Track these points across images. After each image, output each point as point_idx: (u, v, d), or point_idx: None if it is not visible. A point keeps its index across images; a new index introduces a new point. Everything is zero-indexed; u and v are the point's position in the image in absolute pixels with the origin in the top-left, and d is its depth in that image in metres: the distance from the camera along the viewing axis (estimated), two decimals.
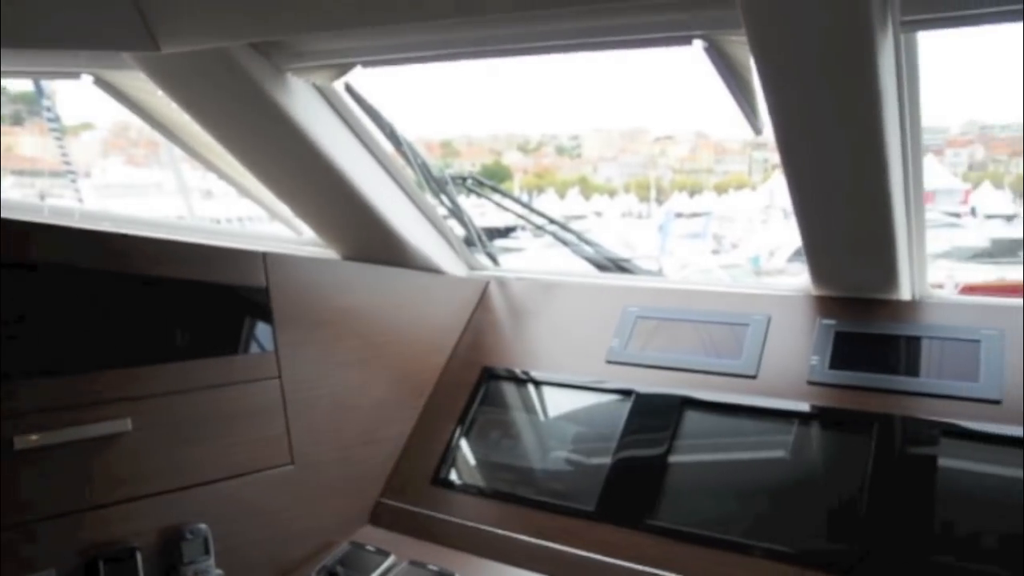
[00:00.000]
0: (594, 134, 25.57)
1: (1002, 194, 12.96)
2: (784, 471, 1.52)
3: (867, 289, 1.68)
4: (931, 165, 13.63)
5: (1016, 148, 10.42)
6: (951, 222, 11.57)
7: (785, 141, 1.37)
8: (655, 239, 13.99)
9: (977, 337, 1.53)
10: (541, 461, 1.78)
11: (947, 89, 9.24)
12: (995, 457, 1.41)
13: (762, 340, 1.69)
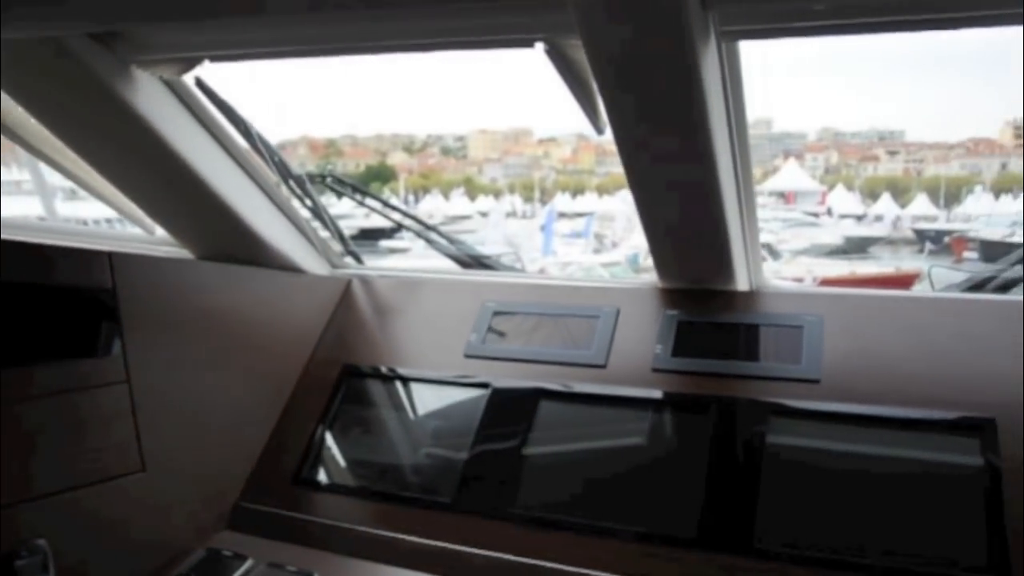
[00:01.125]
0: (479, 136, 25.73)
1: (853, 196, 13.92)
2: (632, 454, 1.60)
3: (707, 281, 1.78)
4: (792, 169, 14.51)
5: (865, 154, 11.19)
6: (811, 221, 12.31)
7: (622, 141, 1.44)
8: (539, 239, 14.23)
9: (800, 323, 1.65)
10: (402, 456, 1.79)
11: (804, 98, 9.86)
12: (815, 431, 1.53)
13: (611, 331, 1.77)
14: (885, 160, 12.83)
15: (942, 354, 1.54)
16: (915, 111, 17.17)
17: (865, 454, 1.47)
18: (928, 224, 12.36)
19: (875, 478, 1.44)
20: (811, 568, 1.35)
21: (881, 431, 1.48)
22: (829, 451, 1.50)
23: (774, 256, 9.90)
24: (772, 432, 1.52)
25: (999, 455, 1.38)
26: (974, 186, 13.13)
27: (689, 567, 1.40)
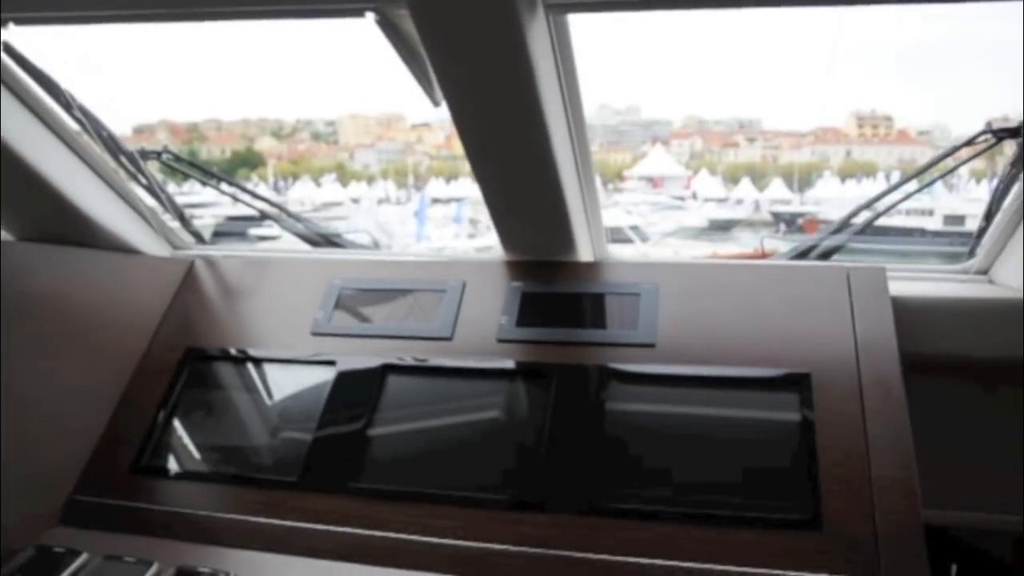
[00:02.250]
0: (351, 121, 25.22)
1: (716, 180, 14.58)
2: (478, 424, 1.62)
3: (550, 252, 1.83)
4: (660, 154, 15.07)
5: (727, 140, 11.71)
6: (677, 204, 12.80)
7: (457, 113, 1.45)
8: (412, 225, 14.11)
9: (638, 291, 1.72)
10: (248, 438, 1.75)
11: (670, 86, 10.24)
12: (651, 392, 1.60)
13: (457, 304, 1.79)
14: (745, 147, 13.51)
15: (768, 316, 1.64)
16: (771, 100, 18.30)
17: (697, 411, 1.55)
18: (784, 207, 13.11)
19: (707, 434, 1.52)
20: (652, 521, 1.41)
21: (711, 390, 1.56)
22: (664, 410, 1.57)
23: (642, 238, 10.24)
24: (611, 395, 1.58)
25: (813, 408, 1.48)
26: (823, 171, 13.98)
27: (534, 529, 1.44)
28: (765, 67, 9.90)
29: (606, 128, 12.79)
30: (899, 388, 1.48)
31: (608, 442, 1.52)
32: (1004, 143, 1.72)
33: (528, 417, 1.60)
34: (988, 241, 1.83)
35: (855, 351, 1.54)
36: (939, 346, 1.74)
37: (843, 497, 1.38)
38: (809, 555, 1.33)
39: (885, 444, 1.42)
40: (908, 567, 1.30)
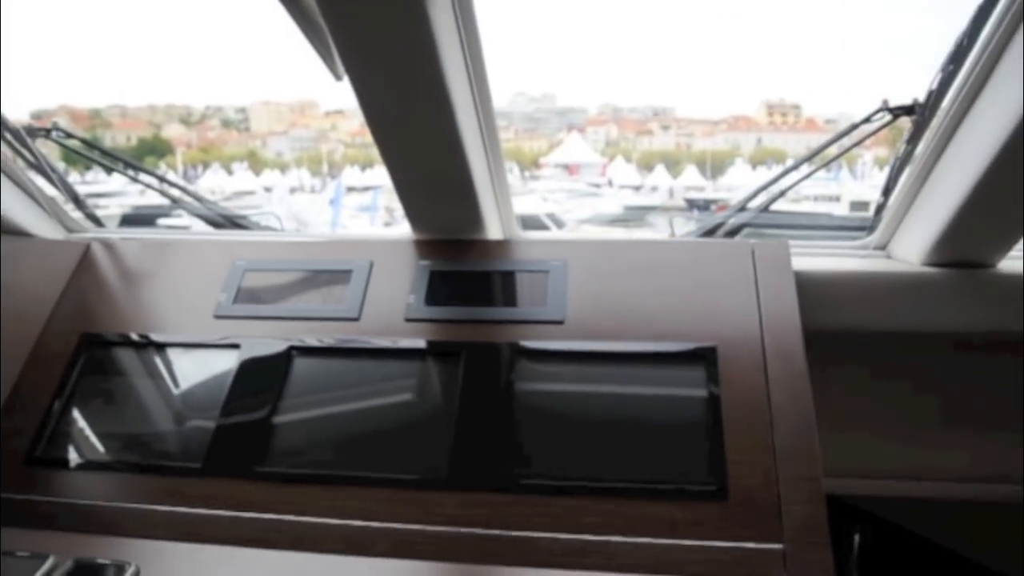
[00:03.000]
0: (263, 107, 24.60)
1: (632, 167, 14.83)
2: (386, 404, 1.60)
3: (459, 231, 1.81)
4: (576, 142, 15.23)
5: (641, 128, 11.88)
6: (593, 191, 12.94)
7: (359, 87, 1.42)
8: (328, 213, 13.87)
9: (547, 268, 1.72)
10: (150, 425, 1.69)
11: (585, 73, 10.34)
12: (560, 368, 1.60)
13: (365, 284, 1.76)
14: (659, 134, 13.75)
15: (675, 292, 1.66)
16: (684, 88, 18.68)
17: (606, 386, 1.57)
18: (697, 193, 13.41)
19: (615, 408, 1.53)
20: (560, 496, 1.42)
21: (620, 365, 1.58)
22: (573, 385, 1.58)
23: (558, 225, 10.31)
24: (519, 372, 1.58)
25: (719, 381, 1.51)
26: (735, 159, 14.35)
27: (443, 508, 1.43)
28: (678, 55, 10.12)
29: (522, 115, 12.82)
30: (801, 359, 1.53)
31: (517, 419, 1.52)
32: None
33: (437, 396, 1.59)
34: (886, 217, 1.90)
35: (759, 324, 1.58)
36: (839, 318, 1.80)
37: (747, 466, 1.41)
38: (715, 524, 1.36)
39: (787, 414, 1.46)
40: (810, 531, 1.34)
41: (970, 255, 1.77)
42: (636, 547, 1.35)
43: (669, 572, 1.31)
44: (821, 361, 1.87)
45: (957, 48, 1.54)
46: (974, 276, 1.78)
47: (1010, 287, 1.78)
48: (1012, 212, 1.64)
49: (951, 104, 1.60)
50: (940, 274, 1.78)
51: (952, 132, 1.63)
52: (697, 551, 1.34)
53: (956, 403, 1.98)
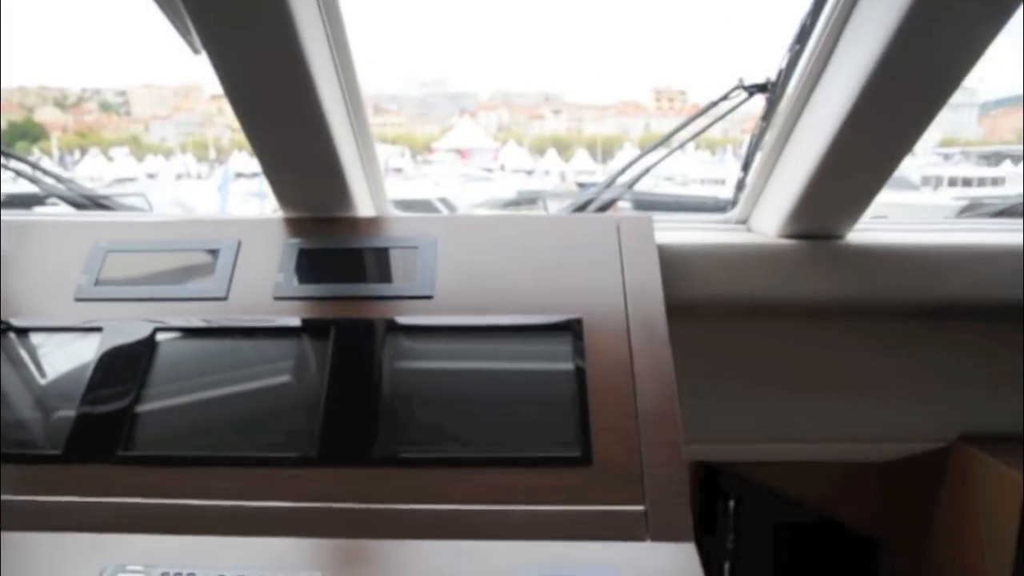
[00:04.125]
0: (144, 90, 23.50)
1: (524, 152, 14.92)
2: (257, 384, 1.58)
3: (328, 209, 1.80)
4: (467, 126, 15.20)
5: (533, 112, 11.96)
6: (485, 176, 12.92)
7: (216, 63, 1.39)
8: (215, 201, 13.42)
9: (416, 244, 1.73)
10: (8, 412, 1.61)
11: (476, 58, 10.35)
12: (429, 344, 1.62)
13: (232, 263, 1.72)
14: (550, 118, 13.82)
15: (543, 265, 1.70)
16: (574, 74, 18.85)
17: (475, 359, 1.59)
18: (588, 177, 13.57)
19: (485, 380, 1.56)
20: (430, 468, 1.44)
21: (488, 338, 1.60)
22: (443, 359, 1.60)
23: (451, 210, 10.30)
24: (389, 347, 1.59)
25: (584, 351, 1.56)
26: (624, 143, 14.58)
27: (314, 484, 1.43)
28: (567, 41, 10.18)
29: (413, 100, 12.68)
30: (663, 329, 1.59)
31: (387, 394, 1.53)
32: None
33: (306, 373, 1.58)
34: (745, 192, 1.99)
35: (624, 296, 1.63)
36: (701, 289, 1.88)
37: (612, 433, 1.46)
38: (580, 489, 1.40)
39: (650, 381, 1.52)
40: (670, 492, 1.40)
41: (822, 227, 1.87)
42: (503, 515, 1.38)
43: (535, 537, 1.35)
44: (685, 330, 1.95)
45: (801, 29, 1.62)
46: (826, 247, 1.89)
47: (859, 257, 1.90)
48: (857, 185, 1.74)
49: (798, 82, 1.68)
50: (795, 246, 1.88)
51: (801, 109, 1.72)
52: (562, 516, 1.37)
53: (812, 369, 2.10)
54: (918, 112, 1.53)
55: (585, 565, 1.28)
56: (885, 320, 2.04)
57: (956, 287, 1.91)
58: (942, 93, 1.49)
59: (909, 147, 1.62)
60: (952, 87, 1.47)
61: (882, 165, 1.67)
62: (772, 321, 2.03)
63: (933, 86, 1.47)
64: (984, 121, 8.16)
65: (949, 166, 7.66)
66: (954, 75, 1.44)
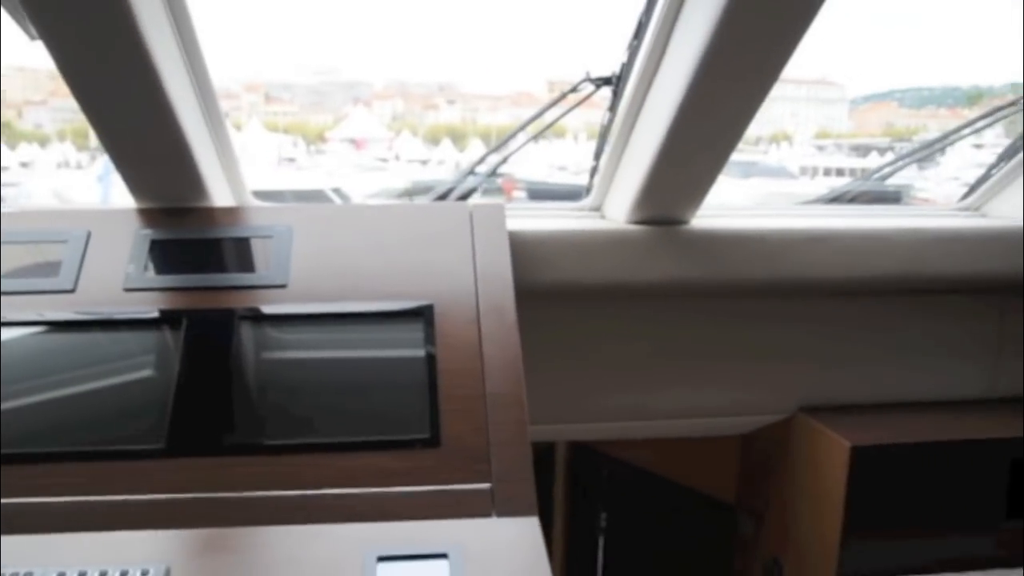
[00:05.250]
0: (17, 74, 22.24)
1: (418, 141, 14.86)
2: (106, 376, 1.56)
3: (181, 198, 1.78)
4: (362, 116, 15.03)
5: (427, 102, 11.93)
6: (380, 166, 12.80)
7: (53, 49, 1.37)
8: (97, 190, 12.84)
9: (271, 234, 1.74)
10: None
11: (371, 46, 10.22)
12: (283, 332, 1.64)
13: (81, 255, 1.69)
14: (445, 109, 13.79)
15: (397, 253, 1.73)
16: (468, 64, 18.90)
17: (328, 347, 1.62)
18: (483, 167, 13.61)
19: (337, 367, 1.59)
20: (280, 455, 1.45)
21: (341, 325, 1.63)
22: (295, 347, 1.62)
23: (344, 200, 10.17)
24: (241, 337, 1.60)
25: (435, 336, 1.60)
26: (518, 133, 14.73)
27: (161, 475, 1.42)
28: (462, 30, 10.17)
29: (305, 88, 12.45)
30: (512, 313, 1.64)
31: (239, 383, 1.54)
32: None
33: (157, 365, 1.57)
34: (598, 180, 2.07)
35: (475, 281, 1.68)
36: (555, 274, 1.96)
37: (460, 415, 1.51)
38: (428, 470, 1.44)
39: (498, 364, 1.57)
40: (515, 470, 1.45)
41: (667, 213, 1.98)
42: (353, 498, 1.40)
43: (385, 519, 1.38)
44: (543, 314, 2.02)
45: (638, 24, 1.71)
46: (672, 232, 1.99)
47: (703, 241, 2.01)
48: (695, 173, 1.85)
49: (638, 76, 1.77)
50: (643, 231, 1.98)
51: (641, 102, 1.81)
52: (411, 496, 1.41)
53: (666, 349, 2.21)
54: (742, 104, 1.64)
55: (431, 543, 1.32)
56: (729, 300, 2.17)
57: (791, 267, 2.05)
58: (762, 85, 1.60)
59: (738, 137, 1.74)
60: (771, 80, 1.58)
61: (716, 153, 1.77)
62: (627, 303, 2.13)
63: (754, 78, 1.58)
64: (854, 115, 8.64)
65: (824, 157, 8.09)
66: (771, 68, 1.55)
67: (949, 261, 2.14)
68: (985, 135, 2.66)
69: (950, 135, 2.20)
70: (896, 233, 2.11)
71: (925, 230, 2.14)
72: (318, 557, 1.29)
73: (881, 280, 2.13)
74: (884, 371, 2.31)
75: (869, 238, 2.09)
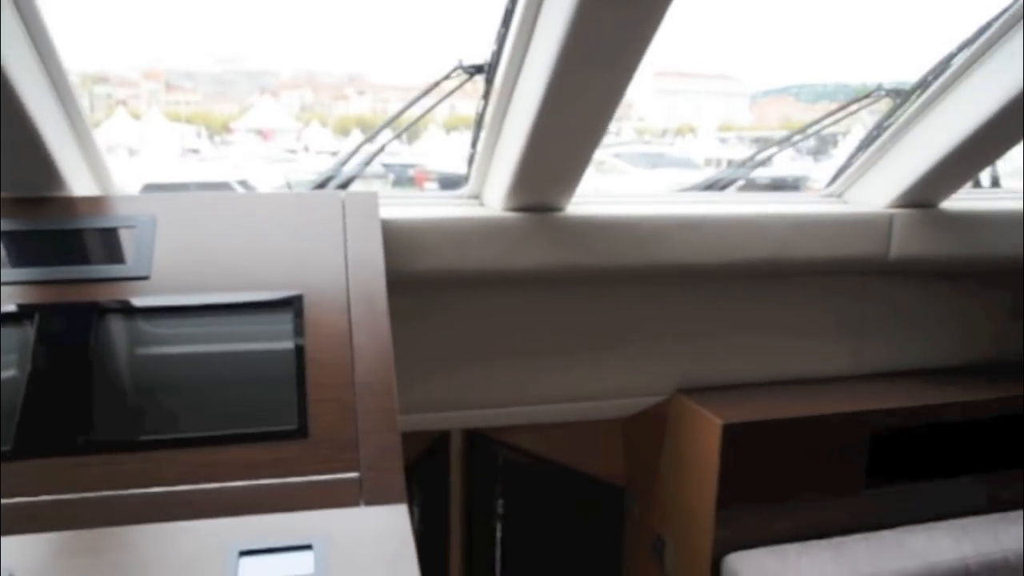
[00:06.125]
0: None
1: (328, 133, 14.67)
2: None
3: (37, 188, 1.72)
4: (269, 106, 14.74)
5: (337, 93, 11.74)
6: (289, 157, 12.57)
7: None
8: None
9: (133, 224, 1.69)
10: None
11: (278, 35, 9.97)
12: (146, 325, 1.59)
13: None
14: (355, 99, 13.63)
15: (267, 243, 1.71)
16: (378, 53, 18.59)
17: (193, 339, 1.58)
18: (394, 159, 13.50)
19: (203, 360, 1.55)
20: (138, 452, 1.41)
21: (207, 317, 1.59)
22: (158, 340, 1.58)
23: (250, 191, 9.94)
24: (99, 332, 1.54)
25: (304, 326, 1.58)
26: (429, 125, 14.67)
27: (9, 480, 1.36)
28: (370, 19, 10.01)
29: (209, 77, 12.11)
30: (383, 301, 1.64)
31: (97, 379, 1.49)
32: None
33: (7, 364, 1.50)
34: (475, 168, 2.09)
35: (345, 271, 1.68)
36: (430, 262, 1.97)
37: (329, 404, 1.49)
38: (296, 461, 1.42)
39: (368, 352, 1.56)
40: (384, 458, 1.45)
41: (542, 200, 2.01)
42: (217, 492, 1.38)
43: (251, 512, 1.35)
44: (423, 302, 2.03)
45: (506, 12, 1.73)
46: (548, 219, 2.03)
47: (579, 228, 2.06)
48: (566, 160, 1.88)
49: (506, 64, 1.79)
50: (519, 218, 2.01)
51: (512, 88, 1.84)
52: (278, 488, 1.39)
53: (549, 334, 2.25)
54: (605, 92, 1.68)
55: (297, 534, 1.30)
56: (606, 286, 2.22)
57: (665, 253, 2.11)
58: (623, 74, 1.64)
59: (604, 124, 1.78)
60: (631, 69, 1.62)
61: (584, 141, 1.81)
62: (507, 290, 2.16)
63: (614, 67, 1.62)
64: (754, 109, 8.93)
65: (727, 148, 8.33)
66: (630, 57, 1.59)
67: (814, 245, 2.25)
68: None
69: (807, 128, 2.31)
70: (765, 219, 2.20)
71: (792, 216, 2.23)
72: (178, 555, 1.26)
73: (752, 264, 2.21)
74: (756, 352, 2.41)
75: (740, 224, 2.18)
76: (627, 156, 7.75)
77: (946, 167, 2.15)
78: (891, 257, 2.30)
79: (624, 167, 7.65)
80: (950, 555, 2.27)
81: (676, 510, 2.38)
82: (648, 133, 9.25)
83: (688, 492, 2.31)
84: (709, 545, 2.23)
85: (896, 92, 2.19)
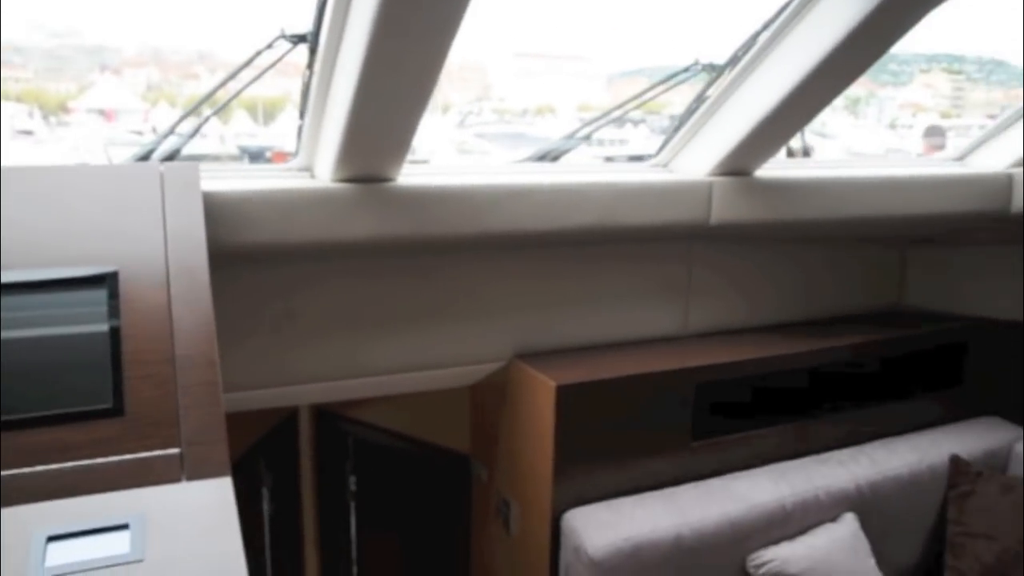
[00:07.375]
0: None
1: (177, 113, 14.07)
2: None
3: None
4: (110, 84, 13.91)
5: (187, 71, 11.23)
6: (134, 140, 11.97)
7: None
8: None
9: None
10: None
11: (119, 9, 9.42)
12: None
13: None
14: (206, 78, 13.07)
15: (80, 217, 1.64)
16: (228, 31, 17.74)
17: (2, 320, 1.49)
18: (250, 140, 13.07)
19: (12, 343, 1.47)
20: None
21: (15, 296, 1.51)
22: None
23: None
24: None
25: (120, 302, 1.53)
26: (286, 105, 14.27)
27: None
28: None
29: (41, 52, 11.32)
30: (204, 274, 1.60)
31: None
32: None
33: None
34: (304, 139, 2.08)
35: (164, 244, 1.63)
36: (256, 235, 1.94)
37: (147, 381, 1.45)
38: (112, 440, 1.38)
39: (188, 326, 1.53)
40: (206, 432, 1.42)
41: (370, 171, 2.02)
42: (27, 477, 1.32)
43: (67, 495, 1.30)
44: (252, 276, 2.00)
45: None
46: (378, 190, 2.04)
47: (409, 198, 2.08)
48: (390, 130, 1.89)
49: (327, 31, 1.79)
50: (349, 189, 2.01)
51: (334, 60, 1.83)
52: (94, 469, 1.34)
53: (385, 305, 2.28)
54: (423, 63, 1.70)
55: (112, 515, 1.27)
56: (440, 255, 2.26)
57: (496, 222, 2.17)
58: (439, 46, 1.66)
59: (426, 95, 1.80)
60: (447, 40, 1.65)
61: (407, 111, 1.83)
62: (340, 262, 2.16)
63: (430, 38, 1.64)
64: (611, 89, 9.21)
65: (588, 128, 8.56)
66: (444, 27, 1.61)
67: (640, 212, 2.36)
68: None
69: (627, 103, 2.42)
70: (592, 187, 2.29)
71: (619, 184, 2.33)
72: None
73: (581, 231, 2.30)
74: (589, 316, 2.51)
75: (568, 192, 2.26)
76: (489, 136, 7.85)
77: (756, 137, 2.31)
78: (712, 223, 2.45)
79: (486, 147, 7.74)
80: (769, 496, 2.46)
81: (518, 473, 2.46)
82: (508, 113, 9.38)
83: (529, 454, 2.39)
84: (549, 504, 2.32)
85: (711, 67, 2.32)
